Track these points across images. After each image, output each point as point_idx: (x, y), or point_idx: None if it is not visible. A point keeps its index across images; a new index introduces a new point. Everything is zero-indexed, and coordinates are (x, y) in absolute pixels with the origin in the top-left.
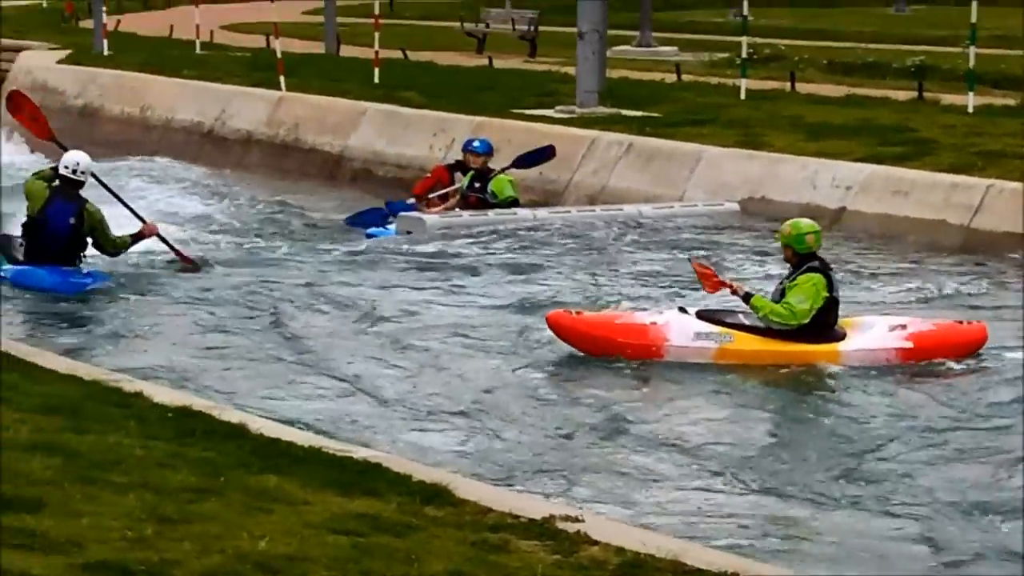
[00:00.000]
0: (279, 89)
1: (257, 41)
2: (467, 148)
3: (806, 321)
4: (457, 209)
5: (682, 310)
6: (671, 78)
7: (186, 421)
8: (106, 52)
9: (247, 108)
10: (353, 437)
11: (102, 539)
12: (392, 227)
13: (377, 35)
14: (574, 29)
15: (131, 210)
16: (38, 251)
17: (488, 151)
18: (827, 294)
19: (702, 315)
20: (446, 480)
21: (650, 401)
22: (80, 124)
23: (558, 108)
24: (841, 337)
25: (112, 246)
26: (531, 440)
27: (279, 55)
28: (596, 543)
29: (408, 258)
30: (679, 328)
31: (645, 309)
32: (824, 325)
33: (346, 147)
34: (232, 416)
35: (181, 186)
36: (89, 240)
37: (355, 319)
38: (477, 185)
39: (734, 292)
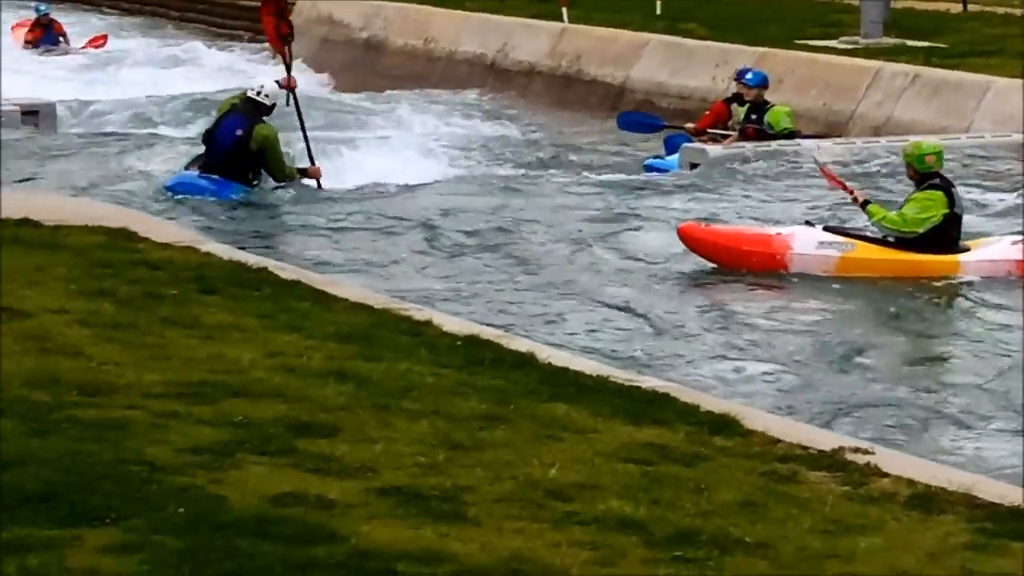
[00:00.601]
0: (561, 21)
1: None
2: (739, 78)
3: (919, 230)
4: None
5: (808, 223)
6: (956, 8)
7: (475, 349)
8: None
9: (529, 40)
10: (633, 366)
11: (396, 465)
12: (670, 159)
13: None
14: None
15: (308, 148)
16: (209, 162)
17: (761, 83)
18: (946, 210)
19: (828, 228)
20: (735, 411)
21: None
22: (364, 56)
23: (842, 39)
24: (964, 250)
25: (280, 171)
26: (798, 369)
27: None
28: (886, 475)
29: (677, 187)
30: (803, 238)
31: None
32: (946, 238)
33: (628, 79)
34: (520, 345)
35: (461, 115)
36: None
37: (616, 247)
38: (754, 117)
39: (854, 199)
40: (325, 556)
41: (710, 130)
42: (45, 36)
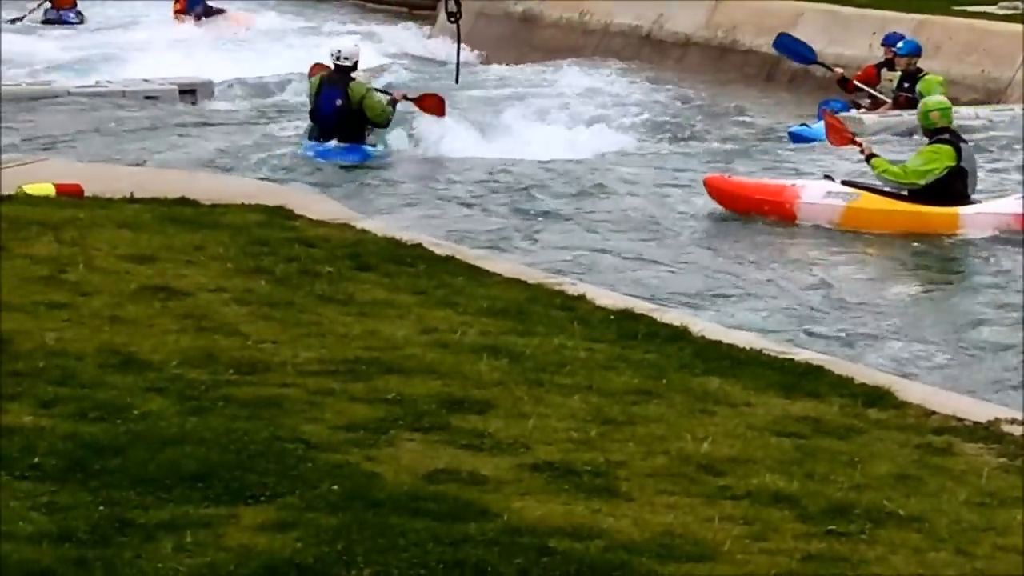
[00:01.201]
0: None
1: None
2: (887, 43)
3: (920, 182)
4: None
5: (827, 177)
6: None
7: (628, 323)
8: None
9: (685, 11)
10: (788, 339)
11: (548, 440)
12: (815, 127)
13: None
14: None
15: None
16: (321, 134)
17: (912, 52)
18: (952, 163)
19: (844, 182)
20: (888, 383)
21: None
22: (520, 29)
23: (1001, 4)
24: (966, 203)
25: (377, 115)
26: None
27: None
28: None
29: (821, 156)
30: (813, 188)
31: None
32: (951, 192)
33: None
34: (673, 318)
35: (616, 87)
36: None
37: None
38: (906, 85)
39: (861, 151)
40: (477, 533)
41: (861, 85)
42: (191, 2)
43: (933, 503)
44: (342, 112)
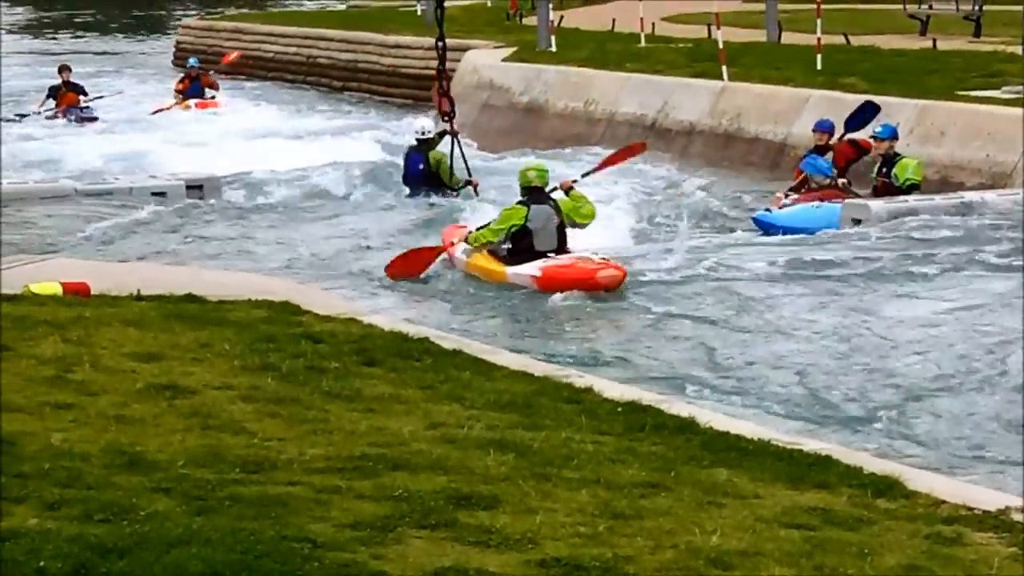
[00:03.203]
0: (721, 79)
1: (698, 32)
2: (819, 128)
3: (494, 239)
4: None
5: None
6: None
7: (636, 416)
8: (552, 48)
9: (689, 99)
10: (793, 429)
11: (556, 536)
12: (778, 213)
13: (819, 21)
14: (1021, 8)
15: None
16: (411, 189)
17: (890, 136)
18: (519, 223)
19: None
20: (897, 472)
21: None
22: (525, 120)
23: (1005, 89)
24: (516, 263)
25: (449, 180)
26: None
27: (720, 45)
28: None
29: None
30: (459, 245)
31: None
32: (521, 248)
33: (789, 135)
34: (681, 410)
35: (620, 175)
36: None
37: (761, 311)
38: (884, 170)
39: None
40: None
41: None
42: (192, 87)
43: None
44: (423, 174)
